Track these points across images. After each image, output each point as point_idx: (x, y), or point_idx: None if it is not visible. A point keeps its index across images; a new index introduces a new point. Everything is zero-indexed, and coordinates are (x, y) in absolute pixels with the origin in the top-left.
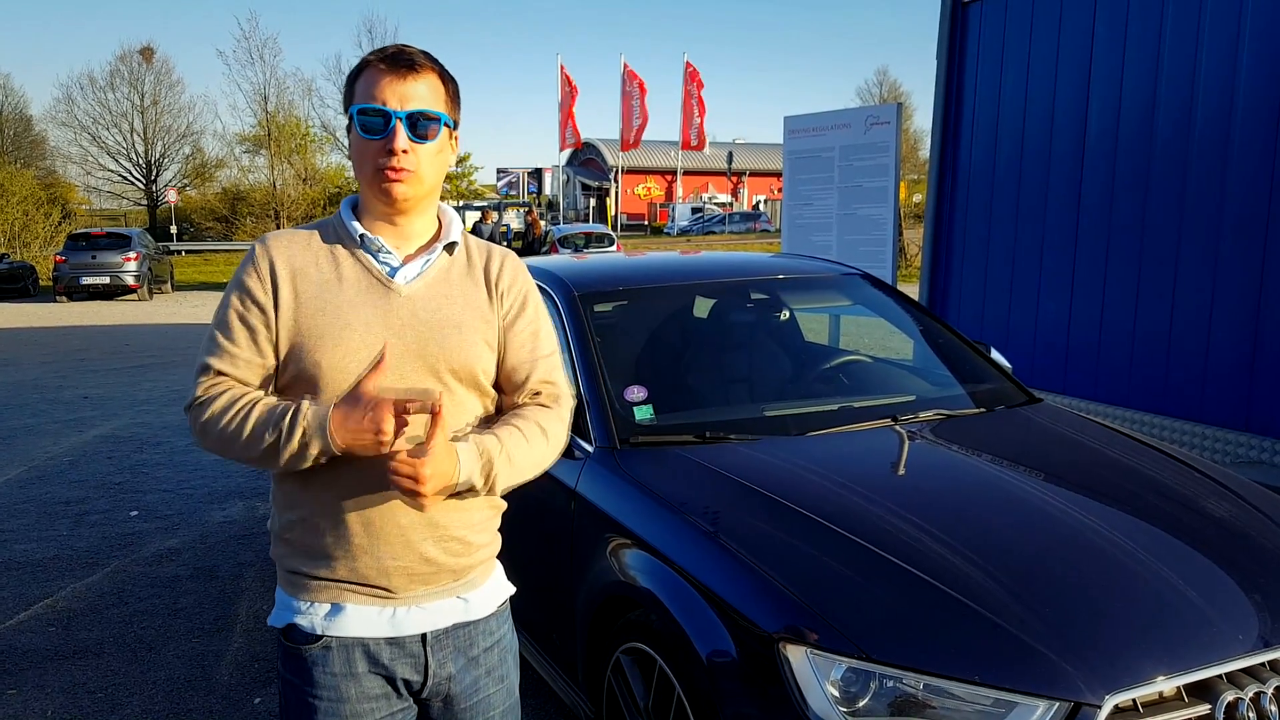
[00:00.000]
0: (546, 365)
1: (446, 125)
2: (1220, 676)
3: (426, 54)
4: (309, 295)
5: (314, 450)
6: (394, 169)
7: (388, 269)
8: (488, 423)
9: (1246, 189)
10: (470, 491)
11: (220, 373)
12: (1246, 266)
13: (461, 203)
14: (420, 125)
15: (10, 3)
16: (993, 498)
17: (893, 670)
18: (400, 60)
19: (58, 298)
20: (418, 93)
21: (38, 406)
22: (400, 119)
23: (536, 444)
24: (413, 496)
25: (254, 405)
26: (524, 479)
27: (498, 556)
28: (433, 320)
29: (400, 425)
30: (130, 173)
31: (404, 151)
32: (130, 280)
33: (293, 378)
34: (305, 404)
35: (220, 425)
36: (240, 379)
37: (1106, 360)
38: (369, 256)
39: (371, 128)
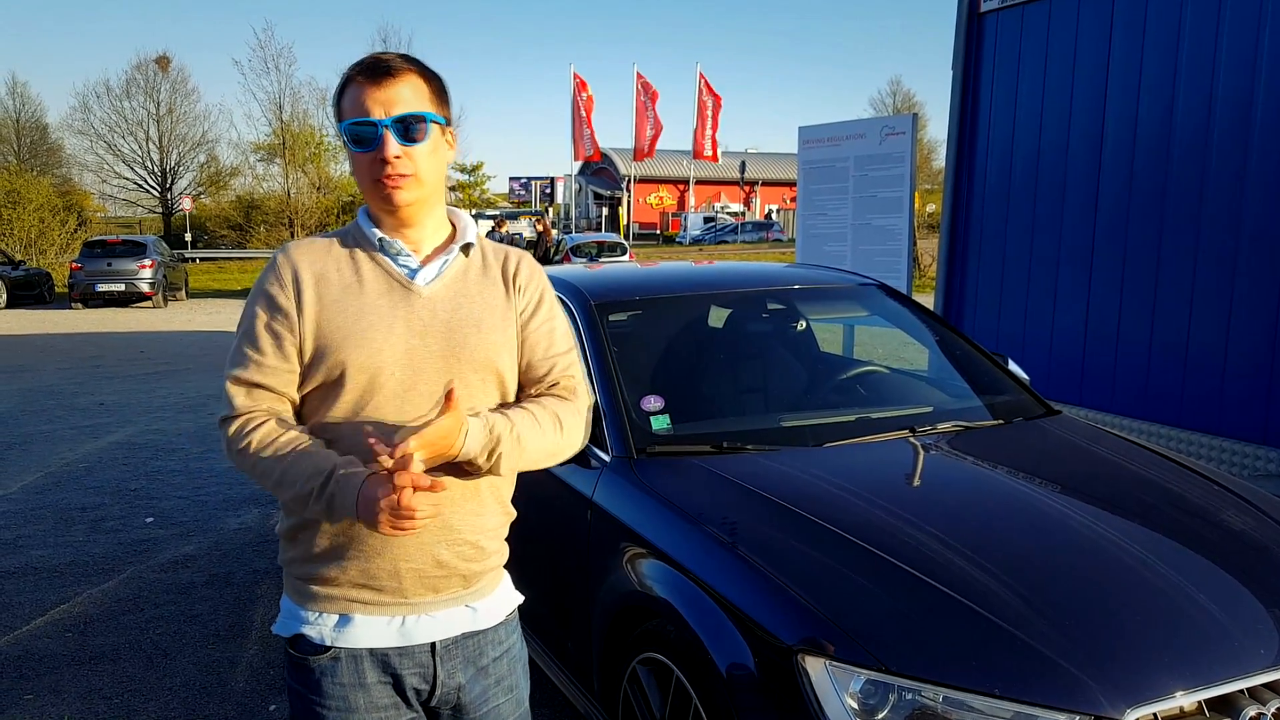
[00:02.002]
0: (564, 361)
1: (436, 123)
2: (1242, 691)
3: (404, 56)
4: (331, 299)
5: (338, 518)
6: (389, 177)
7: (407, 271)
8: None
9: (1264, 200)
10: (472, 466)
11: (253, 384)
12: (1264, 278)
13: (474, 211)
14: (409, 129)
15: (28, 12)
16: (1011, 510)
17: (911, 682)
18: (378, 68)
19: (73, 304)
20: (400, 96)
21: (54, 413)
22: (387, 126)
23: (549, 433)
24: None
25: (292, 451)
26: (532, 466)
27: (513, 565)
28: (452, 320)
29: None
30: (145, 180)
31: (396, 158)
32: (145, 287)
33: (319, 380)
34: (339, 471)
35: (255, 460)
36: (272, 388)
37: (1123, 372)
38: (388, 260)
39: (361, 140)
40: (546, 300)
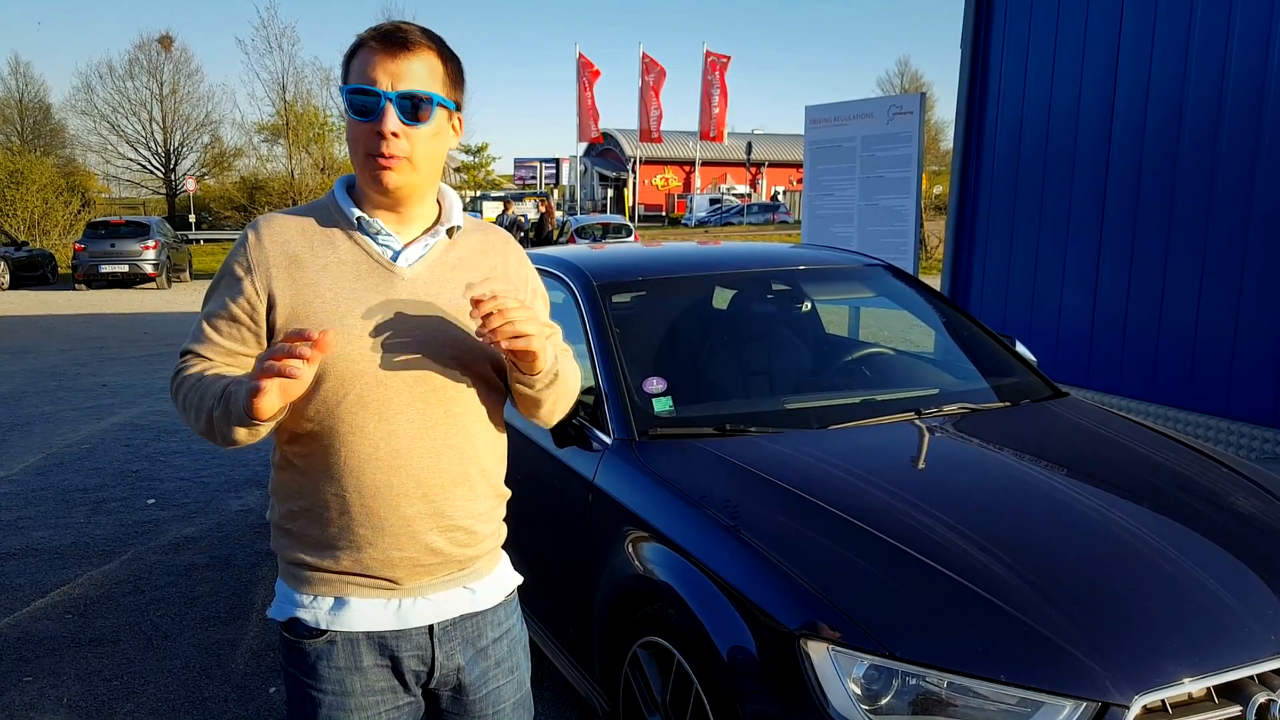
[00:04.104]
0: (558, 339)
1: (444, 106)
2: (1251, 677)
3: (424, 30)
4: (307, 282)
5: (233, 421)
6: (384, 155)
7: (389, 252)
8: (496, 416)
9: (1275, 180)
10: (529, 379)
11: (205, 357)
12: (1274, 259)
13: (480, 193)
14: (414, 107)
15: None
16: (1018, 493)
17: (916, 668)
18: (394, 38)
19: (76, 285)
20: (412, 72)
21: (56, 394)
22: (390, 99)
23: (575, 370)
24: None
25: (216, 379)
26: (570, 390)
27: (513, 547)
28: (435, 305)
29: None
30: (149, 161)
31: (394, 135)
32: (149, 268)
33: None
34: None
35: (183, 398)
36: (220, 362)
37: (1131, 354)
38: (368, 239)
39: (361, 108)
40: (539, 289)
